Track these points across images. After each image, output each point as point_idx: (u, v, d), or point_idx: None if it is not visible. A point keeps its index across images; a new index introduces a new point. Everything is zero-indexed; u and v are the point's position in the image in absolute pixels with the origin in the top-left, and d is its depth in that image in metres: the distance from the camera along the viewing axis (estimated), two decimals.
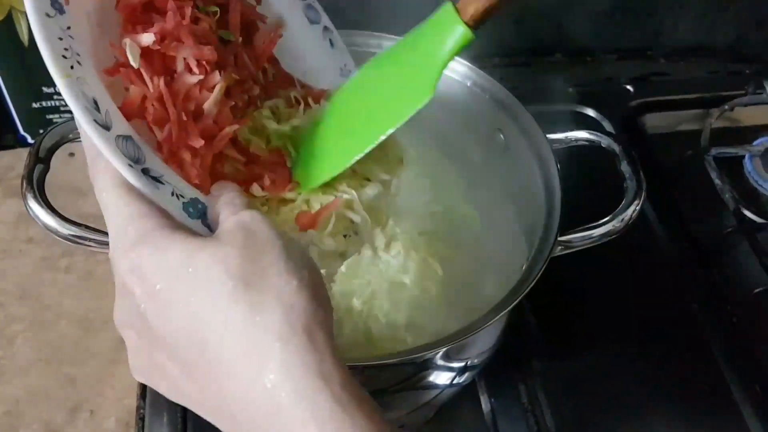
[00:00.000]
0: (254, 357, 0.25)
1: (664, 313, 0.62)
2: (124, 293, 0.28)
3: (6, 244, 0.62)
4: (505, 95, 0.53)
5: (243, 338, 0.25)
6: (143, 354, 0.29)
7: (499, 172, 0.56)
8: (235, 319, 0.25)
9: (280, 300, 0.26)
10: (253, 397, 0.25)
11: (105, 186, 0.29)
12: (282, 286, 0.26)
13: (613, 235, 0.47)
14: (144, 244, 0.27)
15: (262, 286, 0.26)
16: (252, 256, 0.27)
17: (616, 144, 0.50)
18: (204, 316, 0.26)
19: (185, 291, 0.26)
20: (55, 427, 0.52)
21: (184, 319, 0.26)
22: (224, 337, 0.26)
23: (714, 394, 0.57)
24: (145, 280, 0.27)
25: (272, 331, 0.25)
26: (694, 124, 0.76)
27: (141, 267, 0.27)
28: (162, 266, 0.27)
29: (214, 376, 0.26)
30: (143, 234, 0.27)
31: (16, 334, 0.57)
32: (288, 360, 0.25)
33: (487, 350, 0.50)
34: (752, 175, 0.70)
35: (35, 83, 0.67)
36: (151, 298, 0.27)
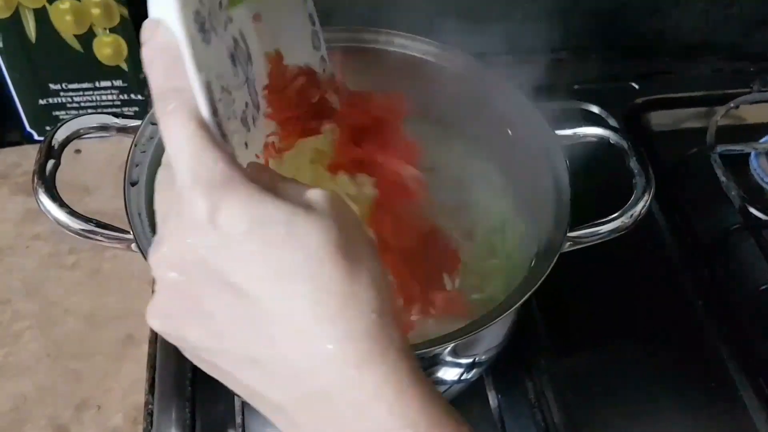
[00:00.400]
0: (346, 320, 0.25)
1: (670, 310, 0.62)
2: (186, 233, 0.27)
3: (12, 241, 0.62)
4: (513, 91, 0.53)
5: (337, 301, 0.26)
6: (185, 298, 0.27)
7: (507, 168, 0.56)
8: (334, 281, 0.26)
9: (373, 278, 0.27)
10: (328, 355, 0.25)
11: (183, 123, 0.27)
12: (373, 267, 0.27)
13: (621, 232, 0.47)
14: (234, 190, 0.26)
15: (359, 261, 0.27)
16: (347, 233, 0.27)
17: (624, 140, 0.50)
18: (298, 272, 0.26)
19: (280, 246, 0.26)
20: (62, 423, 0.52)
21: (271, 270, 0.26)
22: (317, 297, 0.25)
23: (720, 391, 0.58)
24: (230, 228, 0.26)
25: (368, 302, 0.26)
26: (699, 122, 0.76)
27: (228, 211, 0.26)
28: (255, 217, 0.26)
29: (289, 327, 0.26)
30: (232, 180, 0.26)
31: (22, 331, 0.57)
32: (379, 331, 0.26)
33: (494, 347, 0.50)
34: (758, 173, 0.70)
35: (42, 80, 0.67)
36: (234, 242, 0.26)
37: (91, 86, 0.68)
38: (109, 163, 0.68)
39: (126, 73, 0.67)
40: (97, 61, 0.66)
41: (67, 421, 0.52)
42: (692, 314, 0.62)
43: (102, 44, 0.65)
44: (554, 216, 0.47)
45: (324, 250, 0.26)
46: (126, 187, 0.45)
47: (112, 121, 0.49)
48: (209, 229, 0.26)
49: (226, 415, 0.53)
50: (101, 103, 0.69)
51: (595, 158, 0.54)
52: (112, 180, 0.66)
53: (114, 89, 0.68)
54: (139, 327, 0.57)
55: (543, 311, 0.59)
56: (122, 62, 0.66)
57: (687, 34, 0.82)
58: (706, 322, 0.61)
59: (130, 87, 0.68)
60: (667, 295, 0.63)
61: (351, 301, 0.26)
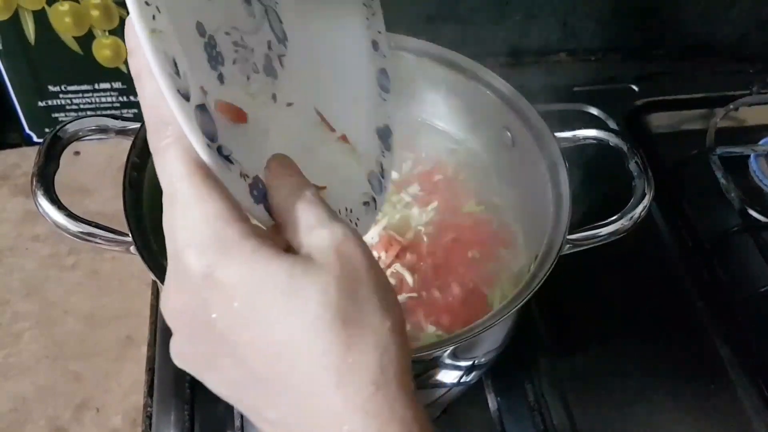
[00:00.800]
0: (340, 397, 0.24)
1: (670, 312, 0.62)
2: (186, 287, 0.25)
3: (12, 242, 0.62)
4: (512, 93, 0.53)
5: (333, 376, 0.24)
6: (197, 347, 0.27)
7: (506, 171, 0.56)
8: (329, 355, 0.24)
9: (377, 341, 0.25)
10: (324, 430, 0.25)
11: (176, 170, 0.25)
12: (377, 326, 0.25)
13: (621, 234, 0.47)
14: (227, 254, 0.25)
15: (359, 324, 0.25)
16: (350, 288, 0.25)
17: (624, 142, 0.50)
18: (294, 344, 0.24)
19: (274, 314, 0.24)
20: (62, 423, 0.52)
21: (266, 341, 0.25)
22: (312, 371, 0.24)
23: (719, 392, 0.58)
24: (223, 291, 0.25)
25: (367, 373, 0.24)
26: (698, 124, 0.76)
27: (221, 277, 0.25)
28: (249, 284, 0.24)
29: (289, 399, 0.25)
30: (225, 242, 0.25)
31: (22, 332, 0.57)
32: (377, 406, 0.24)
33: (494, 349, 0.50)
34: (757, 175, 0.70)
35: (41, 82, 0.67)
36: (228, 310, 0.25)
37: (91, 88, 0.68)
38: (108, 165, 0.68)
39: (125, 75, 0.67)
40: (96, 63, 0.66)
41: (66, 422, 0.52)
42: (692, 316, 0.62)
43: (101, 46, 0.65)
44: (554, 218, 0.47)
45: (321, 318, 0.24)
46: (125, 189, 0.45)
47: (111, 123, 0.49)
48: (205, 289, 0.25)
49: (224, 418, 0.53)
50: (100, 105, 0.69)
51: (594, 160, 0.54)
52: (111, 182, 0.66)
53: (113, 91, 0.68)
54: (138, 328, 0.57)
55: (543, 314, 0.59)
56: (121, 64, 0.66)
57: (686, 36, 0.82)
58: (706, 324, 0.61)
59: (130, 89, 0.68)
60: (666, 298, 0.63)
61: (347, 374, 0.24)
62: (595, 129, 0.52)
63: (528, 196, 0.52)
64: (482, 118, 0.56)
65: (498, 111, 0.53)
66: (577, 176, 0.48)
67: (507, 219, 0.55)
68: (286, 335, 0.24)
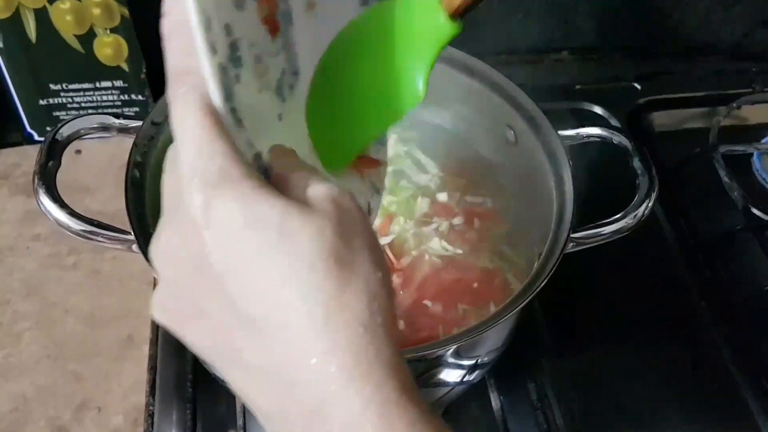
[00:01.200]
0: (327, 334, 0.24)
1: (673, 311, 0.62)
2: (182, 227, 0.26)
3: (12, 242, 0.62)
4: (515, 91, 0.53)
5: (322, 312, 0.24)
6: (182, 295, 0.27)
7: (509, 169, 0.56)
8: (321, 291, 0.25)
9: (367, 287, 0.25)
10: (313, 370, 0.24)
11: (189, 110, 0.26)
12: (369, 274, 0.26)
13: (624, 232, 0.47)
14: (229, 188, 0.25)
15: (352, 268, 0.25)
16: (345, 235, 0.26)
17: (628, 140, 0.50)
18: (287, 278, 0.25)
19: (270, 250, 0.25)
20: (63, 423, 0.52)
21: (258, 277, 0.25)
22: (304, 307, 0.24)
23: (722, 392, 0.58)
24: (220, 224, 0.25)
25: (356, 314, 0.25)
26: (701, 122, 0.76)
27: (219, 209, 0.25)
28: (247, 218, 0.25)
29: (275, 338, 0.25)
30: (229, 177, 0.25)
31: (23, 331, 0.57)
32: (365, 347, 0.25)
33: (497, 348, 0.50)
34: (760, 173, 0.70)
35: (42, 80, 0.67)
36: (222, 244, 0.25)
37: (92, 86, 0.68)
38: (110, 163, 0.67)
39: (126, 74, 0.67)
40: (97, 61, 0.66)
41: (67, 422, 0.52)
42: (695, 315, 0.62)
43: (102, 44, 0.65)
44: (557, 217, 0.47)
45: (316, 256, 0.25)
46: (127, 188, 0.45)
47: (113, 122, 0.49)
48: (202, 226, 0.25)
49: (227, 417, 0.53)
50: (102, 103, 0.69)
51: (597, 159, 0.54)
52: (112, 180, 0.66)
53: (114, 89, 0.68)
54: (139, 328, 0.57)
55: (546, 312, 0.59)
56: (123, 62, 0.66)
57: (689, 35, 0.82)
58: (709, 324, 0.61)
59: (131, 87, 0.68)
60: (669, 296, 0.63)
61: (337, 313, 0.25)
62: (598, 127, 0.52)
63: (531, 194, 0.52)
64: (485, 117, 0.56)
65: (501, 109, 0.53)
66: (581, 174, 0.48)
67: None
68: (279, 271, 0.25)
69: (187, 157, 0.26)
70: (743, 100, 0.74)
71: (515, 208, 0.56)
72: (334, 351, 0.24)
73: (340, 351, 0.24)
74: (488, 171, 0.57)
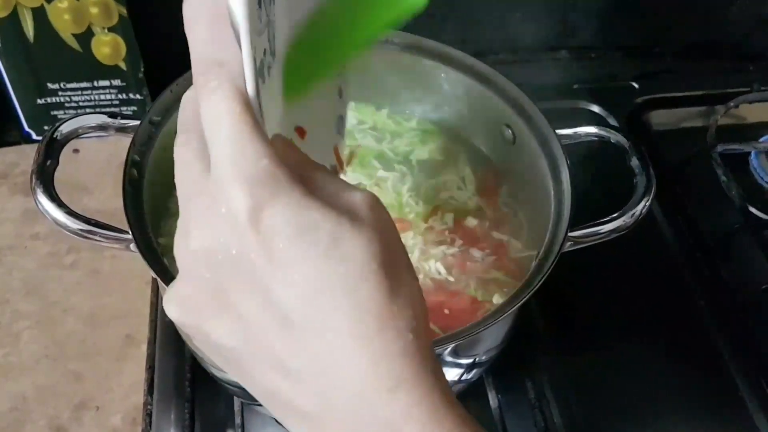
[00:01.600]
0: (380, 341, 0.25)
1: (670, 309, 0.62)
2: (221, 226, 0.25)
3: (11, 241, 0.62)
4: (513, 90, 0.53)
5: (375, 320, 0.25)
6: (211, 291, 0.26)
7: (507, 168, 0.56)
8: (373, 300, 0.25)
9: (411, 294, 0.26)
10: (364, 376, 0.25)
11: (227, 106, 0.25)
12: (411, 281, 0.26)
13: (622, 231, 0.47)
14: (280, 193, 0.24)
15: (398, 278, 0.26)
16: (389, 244, 0.26)
17: (625, 139, 0.50)
18: (339, 286, 0.25)
19: (322, 259, 0.25)
20: (62, 423, 0.52)
21: (308, 281, 0.25)
22: (356, 315, 0.25)
23: (721, 391, 0.58)
24: (269, 229, 0.24)
25: (406, 321, 0.25)
26: (699, 121, 0.76)
27: (268, 215, 0.24)
28: (300, 225, 0.24)
29: (322, 344, 0.25)
30: (278, 181, 0.25)
31: (22, 331, 0.57)
32: (414, 353, 0.25)
33: (495, 347, 0.50)
34: (758, 172, 0.70)
35: (40, 79, 0.66)
36: (270, 248, 0.24)
37: (90, 86, 0.68)
38: (108, 162, 0.67)
39: (125, 73, 0.67)
40: (95, 60, 0.66)
41: (66, 422, 0.52)
42: (693, 314, 0.62)
43: (100, 43, 0.65)
44: (555, 215, 0.47)
45: (368, 266, 0.25)
46: (124, 187, 0.45)
47: (111, 121, 0.48)
48: (249, 229, 0.24)
49: (225, 416, 0.53)
50: (100, 102, 0.69)
51: (595, 158, 0.54)
52: (110, 180, 0.66)
53: (113, 89, 0.68)
54: (138, 327, 0.57)
55: (543, 311, 0.59)
56: (121, 61, 0.66)
57: (687, 34, 0.82)
58: (707, 322, 0.61)
59: (129, 86, 0.68)
60: (667, 295, 0.63)
61: (389, 321, 0.25)
62: (596, 126, 0.52)
63: (529, 193, 0.52)
64: (482, 116, 0.56)
65: (498, 108, 0.53)
66: (579, 174, 0.48)
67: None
68: (330, 279, 0.24)
69: (228, 156, 0.25)
70: (741, 99, 0.74)
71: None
72: (386, 357, 0.25)
73: (392, 357, 0.25)
74: (485, 170, 0.57)
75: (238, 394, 0.53)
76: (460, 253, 0.52)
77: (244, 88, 0.25)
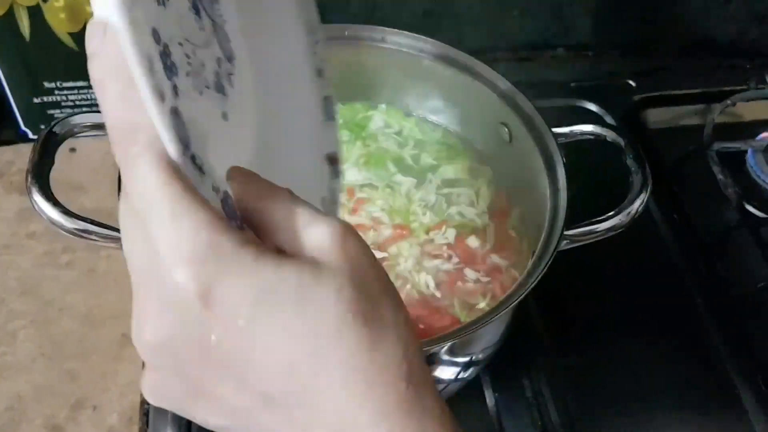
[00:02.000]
0: (373, 399, 0.23)
1: (668, 307, 0.62)
2: (174, 311, 0.23)
3: (7, 240, 0.62)
4: (509, 89, 0.53)
5: (362, 377, 0.23)
6: (182, 380, 0.24)
7: (503, 166, 0.56)
8: (356, 356, 0.23)
9: (398, 336, 0.24)
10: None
11: (153, 179, 0.22)
12: (395, 320, 0.24)
13: (618, 230, 0.47)
14: (226, 266, 0.22)
15: (380, 322, 0.24)
16: (363, 287, 0.23)
17: (621, 138, 0.50)
18: (314, 352, 0.23)
19: (287, 325, 0.23)
20: (58, 422, 0.52)
21: (281, 356, 0.23)
22: (341, 375, 0.23)
23: (718, 389, 0.57)
24: (225, 309, 0.22)
25: (396, 370, 0.23)
26: (696, 119, 0.76)
27: (221, 293, 0.22)
28: (256, 294, 0.22)
29: (312, 413, 0.23)
30: (222, 252, 0.22)
31: (18, 330, 0.57)
32: (412, 403, 0.23)
33: (491, 345, 0.50)
34: (755, 170, 0.70)
35: (36, 78, 0.66)
36: (231, 329, 0.22)
37: (86, 84, 0.67)
38: (104, 161, 0.67)
39: None
40: None
41: (62, 421, 0.52)
42: (690, 312, 0.62)
43: None
44: (551, 214, 0.47)
45: (342, 319, 0.23)
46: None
47: None
48: (203, 312, 0.22)
49: None
50: (95, 101, 0.68)
51: (592, 156, 0.54)
52: (106, 179, 0.66)
53: None
54: None
55: (540, 310, 0.59)
56: None
57: (684, 32, 0.82)
58: (705, 321, 0.61)
59: None
60: (664, 293, 0.63)
61: (377, 376, 0.23)
62: (593, 124, 0.52)
63: (525, 192, 0.52)
64: (479, 114, 0.56)
65: (495, 107, 0.53)
66: (575, 172, 0.48)
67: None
68: (303, 345, 0.23)
69: (164, 234, 0.22)
70: (738, 97, 0.74)
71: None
72: (384, 416, 0.23)
73: (389, 415, 0.23)
74: (481, 168, 0.57)
75: None
76: (454, 270, 0.52)
77: (164, 152, 0.22)
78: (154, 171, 0.22)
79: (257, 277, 0.22)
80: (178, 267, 0.22)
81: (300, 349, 0.23)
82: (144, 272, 0.24)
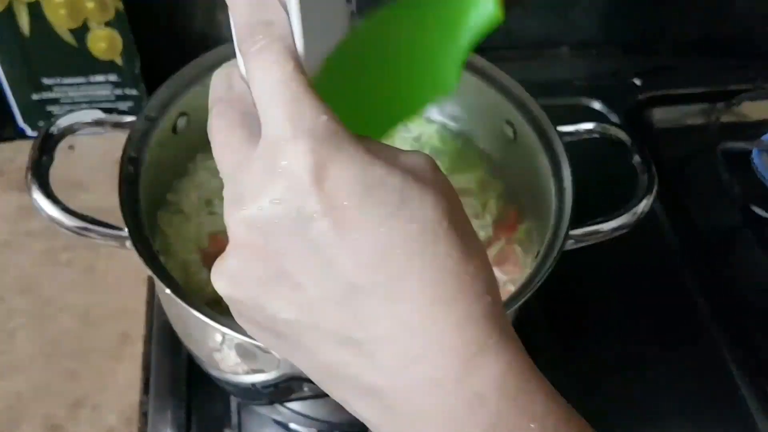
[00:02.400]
0: (462, 304, 0.23)
1: (671, 308, 0.62)
2: (281, 189, 0.23)
3: (6, 237, 0.62)
4: (514, 87, 0.52)
5: (455, 281, 0.23)
6: (266, 263, 0.24)
7: (508, 165, 0.55)
8: (450, 259, 0.23)
9: (484, 259, 0.24)
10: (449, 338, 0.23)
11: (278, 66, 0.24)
12: (480, 246, 0.25)
13: (624, 229, 0.46)
14: (343, 149, 0.23)
15: (470, 238, 0.24)
16: (457, 207, 0.24)
17: (627, 137, 0.50)
18: (411, 246, 0.23)
19: (392, 218, 0.23)
20: (57, 421, 0.52)
21: (378, 244, 0.23)
22: (433, 275, 0.23)
23: (721, 390, 0.57)
24: (333, 187, 0.23)
25: (484, 284, 0.24)
26: (701, 119, 0.75)
27: (337, 173, 0.23)
28: (367, 183, 0.23)
29: (395, 310, 0.23)
30: (340, 137, 0.23)
31: (16, 329, 0.56)
32: (497, 316, 0.24)
33: None
34: (760, 170, 0.69)
35: (35, 74, 0.66)
36: (335, 208, 0.23)
37: (86, 81, 0.67)
38: (104, 159, 0.67)
39: (121, 68, 0.66)
40: (91, 55, 0.65)
41: (61, 420, 0.52)
42: (694, 312, 0.62)
43: (96, 38, 0.64)
44: (556, 214, 0.46)
45: (439, 224, 0.23)
46: (121, 184, 0.44)
47: (107, 117, 0.48)
48: (313, 187, 0.22)
49: (222, 415, 0.53)
50: (95, 98, 0.69)
51: (597, 155, 0.53)
52: (106, 176, 0.65)
53: (108, 84, 0.68)
54: (134, 325, 0.57)
55: (544, 310, 0.59)
56: (117, 57, 0.66)
57: (689, 30, 0.82)
58: (708, 321, 0.61)
59: (125, 82, 0.68)
60: (669, 294, 0.63)
61: (468, 282, 0.23)
62: (598, 123, 0.51)
63: (530, 191, 0.52)
64: (483, 112, 0.55)
65: (499, 105, 0.53)
66: (580, 171, 0.48)
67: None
68: (400, 238, 0.23)
69: (284, 114, 0.23)
70: (744, 96, 0.74)
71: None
72: (470, 320, 0.23)
73: (475, 321, 0.23)
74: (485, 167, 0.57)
75: (234, 394, 0.53)
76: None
77: (294, 48, 0.24)
78: (281, 60, 0.24)
79: (369, 170, 0.23)
80: (298, 139, 0.23)
81: (396, 243, 0.23)
82: (242, 155, 0.24)
